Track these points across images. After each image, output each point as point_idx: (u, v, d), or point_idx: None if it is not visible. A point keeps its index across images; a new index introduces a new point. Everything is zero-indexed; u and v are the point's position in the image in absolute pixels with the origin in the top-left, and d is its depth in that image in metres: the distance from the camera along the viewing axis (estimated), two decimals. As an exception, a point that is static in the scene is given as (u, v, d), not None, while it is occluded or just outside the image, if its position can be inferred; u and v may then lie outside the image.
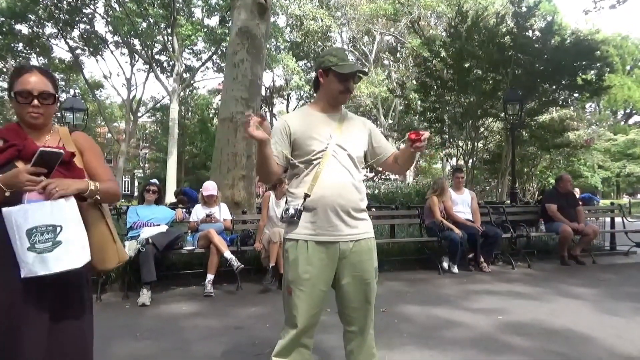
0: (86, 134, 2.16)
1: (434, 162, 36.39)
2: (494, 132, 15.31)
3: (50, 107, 1.91)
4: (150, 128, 39.20)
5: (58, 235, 1.71)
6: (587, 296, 4.94)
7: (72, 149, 1.94)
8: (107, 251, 1.96)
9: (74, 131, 2.08)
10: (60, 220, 1.72)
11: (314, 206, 2.09)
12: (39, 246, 1.68)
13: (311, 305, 2.10)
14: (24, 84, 1.84)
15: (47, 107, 1.89)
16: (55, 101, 1.93)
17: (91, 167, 1.98)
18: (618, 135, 31.00)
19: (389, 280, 5.81)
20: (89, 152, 2.00)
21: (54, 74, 13.24)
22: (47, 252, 1.68)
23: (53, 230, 1.70)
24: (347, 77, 2.13)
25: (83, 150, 1.99)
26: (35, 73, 1.88)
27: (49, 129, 1.97)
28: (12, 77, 1.91)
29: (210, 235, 5.36)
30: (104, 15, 23.61)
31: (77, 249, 1.75)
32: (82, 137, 2.05)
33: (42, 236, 1.69)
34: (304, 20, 25.16)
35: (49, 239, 1.69)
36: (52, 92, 1.91)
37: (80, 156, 1.97)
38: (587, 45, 11.82)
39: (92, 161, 1.99)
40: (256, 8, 7.71)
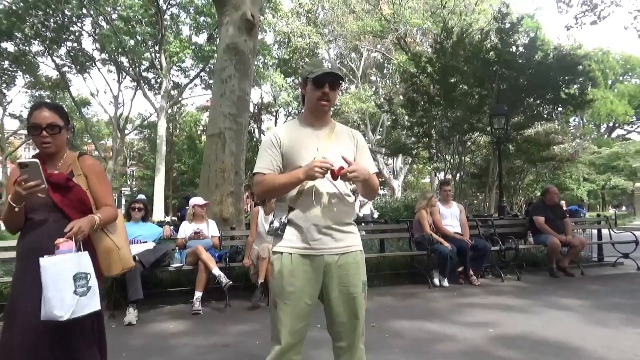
0: (93, 158, 2.45)
1: (422, 176, 36.64)
2: (481, 146, 15.45)
3: (57, 136, 2.21)
4: (137, 145, 39.02)
5: (89, 282, 2.04)
6: (576, 307, 4.96)
7: (79, 172, 2.25)
8: (111, 259, 2.27)
9: (82, 155, 2.35)
10: (89, 269, 2.06)
11: (298, 219, 2.08)
12: (79, 290, 1.98)
13: (296, 318, 2.07)
14: (34, 119, 2.18)
15: (54, 137, 2.20)
16: (61, 130, 2.22)
17: (94, 189, 2.28)
18: (602, 148, 31.49)
19: (378, 294, 5.78)
20: (92, 175, 2.30)
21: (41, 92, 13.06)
22: (84, 295, 2.00)
23: (86, 277, 2.03)
24: (321, 82, 2.11)
25: (88, 174, 2.29)
26: (44, 109, 2.21)
27: (61, 155, 2.27)
28: (28, 115, 2.23)
29: (198, 251, 5.31)
30: (91, 33, 23.62)
31: (97, 294, 2.08)
32: (89, 161, 2.35)
33: (81, 282, 2.00)
34: (291, 37, 25.38)
35: (84, 285, 2.01)
36: (59, 123, 2.21)
37: (85, 179, 2.27)
38: (570, 60, 12.03)
39: (95, 184, 2.29)
40: (244, 25, 7.76)
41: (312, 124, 2.22)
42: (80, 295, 1.98)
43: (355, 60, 27.62)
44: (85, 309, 2.00)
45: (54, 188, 2.16)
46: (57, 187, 2.16)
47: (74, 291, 1.96)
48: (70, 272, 1.97)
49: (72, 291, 1.95)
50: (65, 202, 2.18)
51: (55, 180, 2.17)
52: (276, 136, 2.18)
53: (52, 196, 2.15)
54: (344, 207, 2.15)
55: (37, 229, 2.15)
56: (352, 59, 27.74)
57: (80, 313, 1.98)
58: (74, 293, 1.96)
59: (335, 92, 2.18)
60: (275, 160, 2.14)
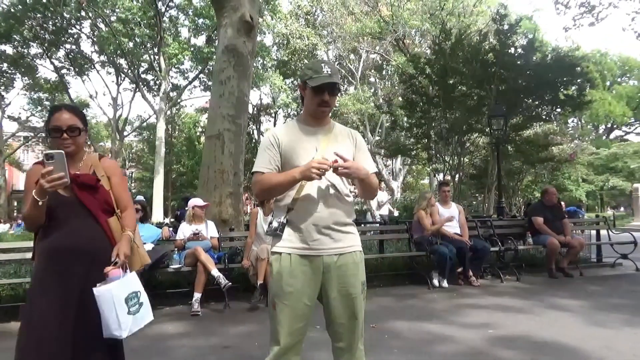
0: (114, 160, 2.59)
1: (422, 177, 36.65)
2: (480, 147, 15.46)
3: (77, 138, 2.28)
4: (136, 147, 38.99)
5: (140, 298, 2.24)
6: (575, 308, 4.96)
7: (101, 173, 2.34)
8: (133, 257, 2.36)
9: (103, 157, 2.47)
10: (138, 287, 2.27)
11: (297, 219, 2.08)
12: (132, 309, 2.18)
13: (294, 319, 2.06)
14: (54, 121, 2.24)
15: (75, 139, 2.27)
16: (81, 133, 2.29)
17: (116, 191, 2.38)
18: (601, 149, 31.54)
19: (378, 295, 5.78)
20: (114, 177, 2.40)
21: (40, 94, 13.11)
22: (137, 312, 2.21)
23: (136, 295, 2.23)
24: (320, 89, 2.11)
25: (110, 176, 2.39)
26: (64, 111, 2.28)
27: (81, 156, 2.35)
28: (48, 117, 2.30)
29: (197, 253, 5.30)
30: (89, 35, 23.62)
31: (149, 307, 2.31)
32: (110, 163, 2.47)
33: (132, 301, 2.19)
34: (290, 39, 25.39)
35: (136, 303, 2.21)
36: (78, 125, 2.28)
37: (107, 180, 2.36)
38: (568, 61, 12.05)
39: (117, 186, 2.40)
40: (242, 26, 7.76)
41: (311, 124, 2.22)
42: (134, 314, 2.19)
43: (354, 62, 27.63)
44: (140, 322, 2.24)
45: (80, 188, 2.23)
46: (84, 187, 2.24)
47: (128, 312, 2.15)
48: (122, 296, 2.14)
49: (126, 312, 2.14)
50: (93, 202, 2.26)
51: (84, 180, 2.25)
52: (275, 136, 2.18)
53: (80, 196, 2.22)
54: (343, 207, 2.14)
55: (62, 228, 2.19)
56: (351, 60, 27.75)
57: (137, 328, 2.21)
58: (128, 313, 2.15)
59: (334, 98, 2.18)
60: (274, 160, 2.14)
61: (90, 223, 2.23)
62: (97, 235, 2.25)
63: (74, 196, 2.22)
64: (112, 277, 2.15)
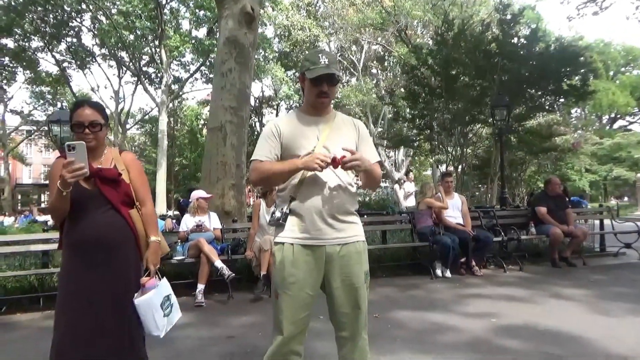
0: (133, 155, 2.65)
1: (424, 169, 36.59)
2: (483, 137, 15.42)
3: (99, 133, 2.37)
4: (139, 140, 39.03)
5: (171, 300, 2.50)
6: (578, 297, 4.96)
7: (122, 167, 2.43)
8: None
9: (123, 151, 2.56)
10: (169, 290, 2.50)
11: (300, 209, 2.08)
12: (166, 311, 2.44)
13: (297, 309, 2.07)
14: (77, 117, 2.32)
15: (96, 134, 2.35)
16: (102, 128, 2.37)
17: (135, 185, 2.46)
18: (604, 139, 31.39)
19: (381, 286, 5.79)
20: (134, 171, 2.48)
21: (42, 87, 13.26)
22: (170, 313, 2.47)
23: (169, 298, 2.48)
24: (318, 80, 2.10)
25: (130, 169, 2.47)
26: (86, 107, 2.36)
27: (102, 150, 2.42)
28: (71, 112, 2.39)
29: (200, 244, 5.32)
30: (90, 28, 23.55)
31: (177, 304, 2.55)
32: (129, 156, 2.55)
33: (166, 304, 2.44)
34: (291, 31, 25.27)
35: (169, 305, 2.47)
36: (100, 121, 2.36)
37: (127, 173, 2.44)
38: (572, 51, 11.96)
39: (137, 180, 2.48)
40: (244, 18, 7.72)
41: (312, 114, 2.21)
42: (168, 315, 2.46)
43: (356, 53, 27.51)
44: (173, 320, 2.51)
45: (103, 181, 2.33)
46: (107, 181, 2.33)
47: (163, 315, 2.41)
48: (158, 302, 2.38)
49: (162, 315, 2.40)
50: (114, 195, 2.35)
51: (106, 174, 2.34)
52: (276, 126, 2.17)
53: (102, 189, 2.31)
54: (346, 197, 2.14)
55: (85, 220, 2.30)
56: (353, 51, 27.62)
57: (170, 326, 2.49)
58: (164, 316, 2.41)
59: (334, 88, 2.17)
60: (274, 150, 2.14)
61: (112, 215, 2.34)
62: (118, 226, 2.35)
63: (96, 189, 2.31)
64: (149, 287, 2.39)
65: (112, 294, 2.29)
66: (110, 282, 2.29)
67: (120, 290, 2.31)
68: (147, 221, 2.46)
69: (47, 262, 5.53)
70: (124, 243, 2.36)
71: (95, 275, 2.27)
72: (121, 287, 2.32)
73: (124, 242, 2.36)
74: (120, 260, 2.33)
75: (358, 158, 1.99)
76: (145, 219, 2.46)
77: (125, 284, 2.34)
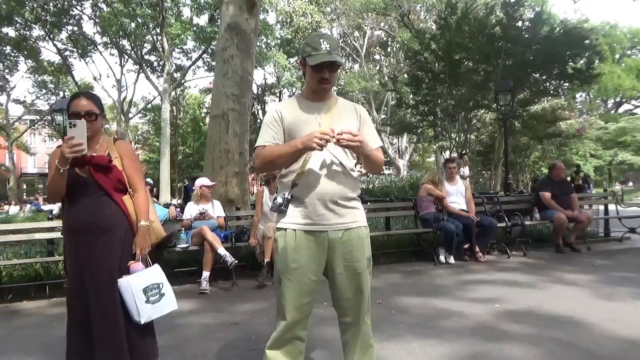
0: (126, 142, 2.77)
1: (428, 155, 36.50)
2: (486, 123, 15.34)
3: (94, 122, 2.47)
4: (142, 129, 39.02)
5: (162, 289, 2.51)
6: (582, 282, 4.96)
7: (115, 155, 2.53)
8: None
9: (117, 140, 2.65)
10: (161, 279, 2.53)
11: (302, 195, 2.07)
12: (152, 299, 2.44)
13: (300, 294, 2.07)
14: (73, 107, 2.43)
15: (92, 123, 2.43)
16: (97, 118, 2.48)
17: (128, 172, 2.55)
18: (609, 124, 31.13)
19: (384, 272, 5.80)
20: (126, 159, 2.58)
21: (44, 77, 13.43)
22: (157, 302, 2.47)
23: (158, 286, 2.50)
24: (319, 67, 2.07)
25: (123, 157, 2.56)
26: (82, 98, 2.48)
27: (97, 140, 2.52)
28: (68, 103, 2.51)
29: (203, 232, 5.33)
30: (91, 16, 23.41)
31: (172, 296, 2.58)
32: (123, 145, 2.65)
33: (153, 291, 2.45)
34: (293, 17, 25.07)
35: (157, 293, 2.47)
36: (95, 111, 2.46)
37: (120, 161, 2.54)
38: (577, 34, 11.83)
39: (129, 167, 2.57)
40: (245, 3, 7.65)
41: (314, 99, 2.19)
42: (153, 303, 2.45)
43: (358, 39, 27.31)
44: (161, 310, 2.51)
45: (96, 169, 2.44)
46: (99, 168, 2.44)
47: (146, 301, 2.41)
48: (140, 287, 2.40)
49: (144, 301, 2.40)
50: (107, 181, 2.45)
51: (98, 161, 2.44)
52: (278, 111, 2.16)
53: (95, 176, 2.43)
54: (347, 182, 2.12)
55: (81, 205, 2.44)
56: (356, 37, 27.42)
57: (157, 315, 2.49)
58: (146, 302, 2.41)
59: (335, 74, 2.14)
60: (277, 135, 2.12)
61: (105, 200, 2.45)
62: (111, 211, 2.46)
63: (90, 176, 2.43)
64: (132, 270, 2.44)
65: (106, 275, 2.39)
66: (105, 264, 2.40)
67: (113, 272, 2.41)
68: (138, 207, 2.55)
69: (52, 250, 5.56)
70: (117, 227, 2.46)
71: (90, 258, 2.40)
72: (114, 269, 2.42)
73: (116, 226, 2.46)
74: (113, 243, 2.44)
75: (360, 139, 1.97)
76: (136, 205, 2.55)
77: (118, 267, 2.44)
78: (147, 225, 2.54)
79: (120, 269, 2.43)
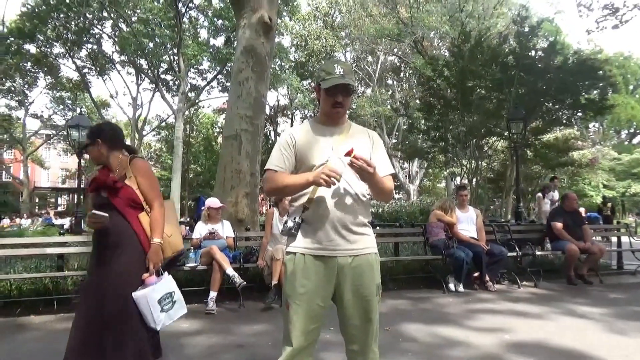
0: (143, 160, 2.99)
1: (438, 181, 36.37)
2: (498, 151, 15.30)
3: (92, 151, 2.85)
4: (155, 146, 39.48)
5: (174, 297, 2.77)
6: (594, 316, 4.86)
7: (130, 174, 2.76)
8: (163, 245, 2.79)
9: (134, 158, 2.86)
10: (172, 288, 2.79)
11: (312, 219, 2.07)
12: (166, 307, 2.70)
13: (308, 320, 2.05)
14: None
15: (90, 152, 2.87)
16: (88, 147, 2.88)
17: (142, 189, 2.76)
18: (622, 155, 30.88)
19: (392, 298, 5.74)
20: (140, 176, 2.78)
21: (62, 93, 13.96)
22: (170, 309, 2.73)
23: (170, 295, 2.74)
24: (333, 91, 2.10)
25: (136, 175, 2.77)
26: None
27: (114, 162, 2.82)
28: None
29: (212, 251, 5.34)
30: (111, 35, 23.99)
31: (182, 301, 2.84)
32: (138, 163, 2.84)
33: (166, 300, 2.70)
34: (308, 40, 25.45)
35: (170, 302, 2.73)
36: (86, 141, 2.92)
37: (135, 179, 2.76)
38: (590, 64, 11.86)
39: (143, 185, 2.77)
40: (261, 27, 7.80)
41: (327, 124, 2.21)
42: (167, 311, 2.71)
43: (371, 64, 27.59)
44: (174, 316, 2.77)
45: (109, 191, 2.70)
46: (108, 189, 2.70)
47: (161, 310, 2.66)
48: (155, 298, 2.63)
49: (159, 311, 2.65)
50: (118, 201, 2.69)
51: (103, 184, 2.72)
52: (292, 136, 2.18)
53: (110, 197, 2.69)
54: (359, 207, 2.12)
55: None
56: (369, 62, 27.71)
57: (170, 321, 2.75)
58: (161, 311, 2.66)
59: (348, 98, 2.16)
60: (288, 160, 2.14)
61: (118, 218, 2.68)
62: (122, 227, 2.68)
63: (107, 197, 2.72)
64: (148, 283, 2.65)
65: (115, 288, 2.60)
66: (115, 277, 2.61)
67: (122, 286, 2.61)
68: (152, 223, 2.74)
69: (62, 265, 5.59)
70: (127, 243, 2.67)
71: (103, 271, 2.64)
72: (123, 282, 2.62)
73: (126, 242, 2.67)
74: (123, 258, 2.65)
75: (372, 164, 1.96)
76: (151, 221, 2.74)
77: (127, 280, 2.64)
78: (159, 242, 2.72)
79: (131, 283, 2.64)
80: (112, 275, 2.61)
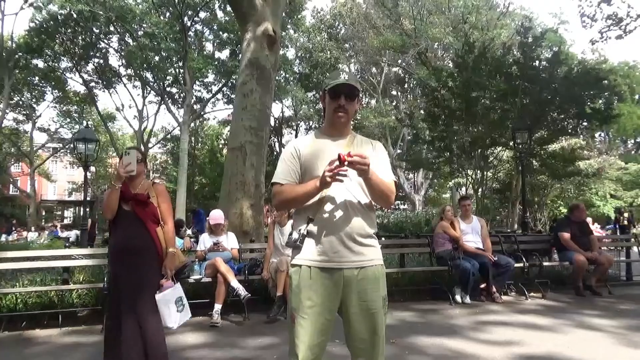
0: (163, 185, 3.63)
1: (443, 191, 36.25)
2: (504, 161, 15.24)
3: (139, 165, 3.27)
4: (160, 159, 39.64)
5: (183, 301, 3.29)
6: (603, 327, 4.79)
7: (153, 195, 3.31)
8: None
9: (155, 183, 3.47)
10: (182, 293, 3.32)
11: (318, 231, 2.05)
12: (179, 309, 3.24)
13: (314, 333, 2.01)
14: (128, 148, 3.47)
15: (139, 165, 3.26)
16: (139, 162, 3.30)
17: (162, 209, 3.32)
18: (629, 164, 30.67)
19: (398, 310, 5.69)
20: (161, 198, 3.35)
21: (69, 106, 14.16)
22: (182, 311, 3.26)
23: (181, 299, 3.28)
24: (336, 92, 2.10)
25: (158, 196, 3.33)
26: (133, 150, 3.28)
27: (139, 181, 3.34)
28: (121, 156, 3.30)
29: (217, 264, 5.32)
30: (117, 49, 24.25)
31: (188, 307, 3.35)
32: (159, 187, 3.44)
33: (179, 303, 3.25)
34: (312, 52, 25.62)
35: (181, 304, 3.27)
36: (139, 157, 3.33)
37: (156, 199, 3.30)
38: (595, 74, 11.84)
39: (162, 205, 3.34)
40: (265, 40, 7.87)
41: (331, 134, 2.21)
42: (180, 312, 3.24)
43: (376, 75, 27.72)
44: (184, 317, 3.30)
45: (137, 203, 3.20)
46: (139, 203, 3.20)
47: (177, 310, 3.20)
48: (172, 299, 3.20)
49: (176, 310, 3.20)
50: (144, 214, 3.21)
51: (140, 198, 3.22)
52: (296, 148, 2.18)
53: (136, 209, 3.19)
54: (364, 218, 2.10)
55: (123, 232, 3.22)
56: (373, 73, 27.85)
57: (182, 321, 3.28)
58: (177, 311, 3.20)
59: (352, 103, 2.15)
60: (293, 171, 2.13)
61: (141, 230, 3.19)
62: (145, 238, 3.19)
63: (132, 210, 3.20)
64: (166, 287, 3.20)
65: (137, 290, 3.09)
66: (137, 281, 3.11)
67: (143, 288, 3.11)
68: (167, 236, 3.28)
69: (68, 278, 5.58)
70: (148, 251, 3.19)
71: (127, 275, 3.12)
72: (144, 285, 3.13)
73: (147, 250, 3.19)
74: (144, 264, 3.17)
75: (367, 162, 1.93)
76: (165, 234, 3.27)
77: (147, 283, 3.15)
78: (174, 251, 3.30)
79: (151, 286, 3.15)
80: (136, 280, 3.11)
